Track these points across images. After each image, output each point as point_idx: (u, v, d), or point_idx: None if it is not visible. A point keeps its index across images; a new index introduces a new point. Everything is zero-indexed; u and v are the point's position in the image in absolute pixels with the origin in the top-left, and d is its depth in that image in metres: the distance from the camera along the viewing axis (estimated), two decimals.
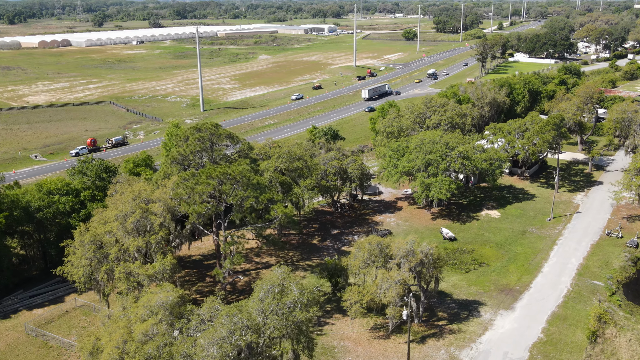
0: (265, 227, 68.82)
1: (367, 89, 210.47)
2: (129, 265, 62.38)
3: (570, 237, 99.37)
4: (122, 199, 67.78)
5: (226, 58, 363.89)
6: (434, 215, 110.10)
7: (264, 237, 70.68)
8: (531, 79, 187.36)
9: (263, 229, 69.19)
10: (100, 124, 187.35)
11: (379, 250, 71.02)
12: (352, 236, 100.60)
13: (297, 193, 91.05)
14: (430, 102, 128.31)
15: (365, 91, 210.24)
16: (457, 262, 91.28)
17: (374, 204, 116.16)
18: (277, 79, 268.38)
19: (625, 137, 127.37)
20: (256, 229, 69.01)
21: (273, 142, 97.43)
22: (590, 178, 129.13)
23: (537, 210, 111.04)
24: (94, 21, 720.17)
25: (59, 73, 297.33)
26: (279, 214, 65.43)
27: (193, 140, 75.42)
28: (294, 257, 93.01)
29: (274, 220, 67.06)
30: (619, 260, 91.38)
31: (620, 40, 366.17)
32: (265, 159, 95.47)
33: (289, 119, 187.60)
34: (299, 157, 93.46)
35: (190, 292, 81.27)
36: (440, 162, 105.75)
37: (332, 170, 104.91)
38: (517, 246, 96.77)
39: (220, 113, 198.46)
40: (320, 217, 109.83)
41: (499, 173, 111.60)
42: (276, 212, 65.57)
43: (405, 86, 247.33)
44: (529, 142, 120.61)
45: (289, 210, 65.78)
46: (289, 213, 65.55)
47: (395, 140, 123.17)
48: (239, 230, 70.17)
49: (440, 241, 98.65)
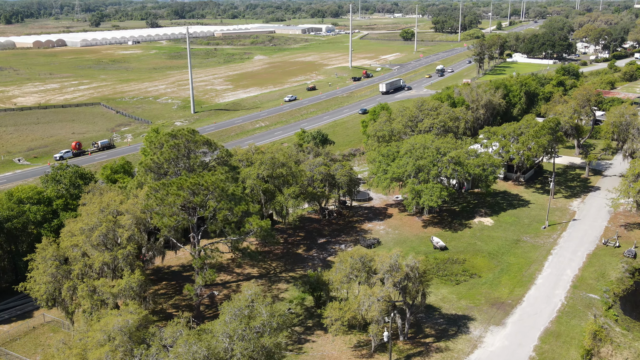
0: (240, 240, 65.08)
1: (384, 83, 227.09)
2: (93, 282, 58.62)
3: (565, 247, 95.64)
4: (89, 210, 64.02)
5: (221, 58, 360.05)
6: (425, 222, 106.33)
7: (240, 250, 66.94)
8: (528, 80, 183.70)
9: (238, 241, 65.48)
10: (89, 126, 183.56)
11: (361, 264, 67.32)
12: (338, 245, 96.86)
13: (280, 201, 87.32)
14: (423, 105, 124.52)
15: (382, 85, 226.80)
16: (447, 273, 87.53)
17: (364, 211, 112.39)
18: (272, 80, 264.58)
19: (624, 141, 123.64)
20: (232, 241, 65.30)
21: (256, 147, 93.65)
22: (587, 183, 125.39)
23: (532, 218, 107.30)
24: (91, 21, 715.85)
25: (51, 74, 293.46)
26: (254, 227, 61.67)
27: (168, 147, 71.66)
28: (277, 268, 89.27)
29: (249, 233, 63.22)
30: (615, 271, 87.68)
31: (619, 40, 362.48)
32: (248, 165, 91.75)
33: (280, 121, 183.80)
34: (282, 164, 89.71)
35: (166, 306, 77.57)
36: (431, 168, 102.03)
37: (319, 176, 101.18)
38: (510, 256, 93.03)
39: (211, 115, 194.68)
40: (307, 224, 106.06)
41: (492, 179, 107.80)
42: (251, 224, 61.78)
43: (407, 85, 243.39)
44: (524, 146, 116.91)
45: (265, 224, 62.01)
46: (264, 226, 61.88)
47: (386, 144, 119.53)
48: (214, 244, 66.47)
49: (430, 250, 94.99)
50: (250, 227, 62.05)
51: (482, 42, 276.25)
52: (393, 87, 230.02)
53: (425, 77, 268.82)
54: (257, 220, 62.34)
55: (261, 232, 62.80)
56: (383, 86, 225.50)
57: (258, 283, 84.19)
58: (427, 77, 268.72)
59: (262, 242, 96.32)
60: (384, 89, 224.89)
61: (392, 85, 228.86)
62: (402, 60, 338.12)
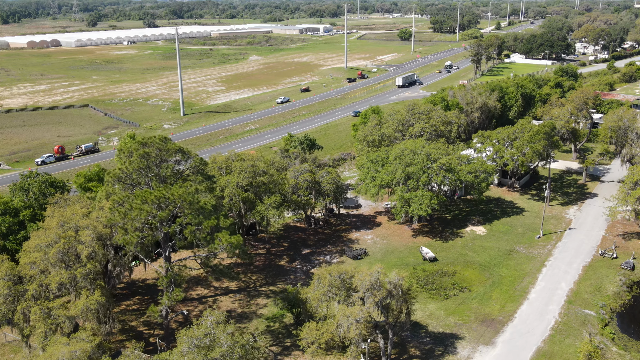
0: (210, 256, 60.88)
1: (400, 77, 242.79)
2: (48, 304, 54.46)
3: (560, 258, 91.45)
4: (48, 225, 59.84)
5: (216, 59, 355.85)
6: (414, 232, 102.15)
7: (211, 267, 62.71)
8: (525, 82, 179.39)
9: (209, 258, 61.26)
10: (75, 129, 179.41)
11: (340, 281, 63.16)
12: (323, 256, 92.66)
13: (260, 211, 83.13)
14: (414, 108, 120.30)
15: (399, 79, 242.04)
16: (436, 286, 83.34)
17: (352, 219, 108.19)
18: (265, 81, 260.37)
19: (622, 145, 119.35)
20: (201, 258, 61.13)
21: (236, 154, 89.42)
22: (584, 190, 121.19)
23: (526, 227, 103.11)
24: (88, 21, 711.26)
25: (42, 74, 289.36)
26: (223, 243, 57.50)
27: (137, 156, 67.43)
28: (257, 281, 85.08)
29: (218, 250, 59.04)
30: (612, 284, 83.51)
31: (619, 40, 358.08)
32: (228, 173, 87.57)
33: (271, 124, 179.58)
34: (263, 172, 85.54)
35: (137, 323, 73.38)
36: (420, 175, 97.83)
37: (304, 184, 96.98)
38: (502, 268, 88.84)
39: (201, 117, 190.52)
40: (291, 234, 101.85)
41: (485, 186, 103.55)
42: (220, 241, 57.60)
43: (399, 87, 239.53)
44: (519, 151, 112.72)
45: (236, 240, 57.83)
46: (234, 242, 57.71)
47: (376, 149, 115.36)
48: (182, 260, 62.34)
49: (419, 262, 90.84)
50: (219, 244, 57.80)
51: (479, 43, 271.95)
52: (408, 81, 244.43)
53: (436, 72, 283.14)
54: (227, 236, 58.13)
55: (231, 249, 58.53)
56: (399, 80, 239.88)
57: (236, 298, 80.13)
58: (437, 72, 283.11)
59: None
60: (400, 82, 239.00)
61: (407, 80, 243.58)
62: (399, 61, 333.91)
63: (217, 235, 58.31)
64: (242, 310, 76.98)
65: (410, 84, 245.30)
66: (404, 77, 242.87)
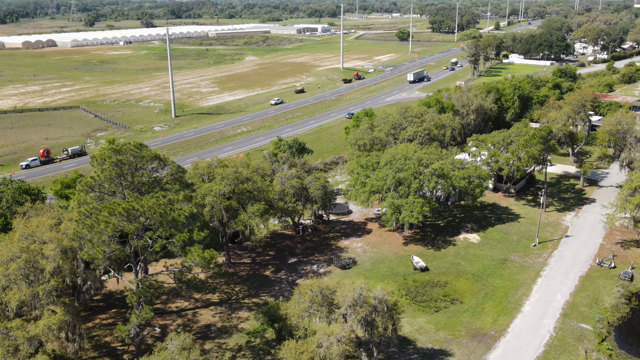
0: (183, 271, 57.50)
1: (412, 73, 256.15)
2: (7, 324, 51.13)
3: (556, 267, 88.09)
4: (9, 238, 56.49)
5: (212, 59, 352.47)
6: (406, 239, 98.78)
7: (184, 282, 59.33)
8: (522, 83, 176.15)
9: (182, 273, 57.86)
10: (64, 131, 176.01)
11: (322, 297, 59.77)
12: (310, 266, 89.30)
13: (243, 220, 79.77)
14: (406, 111, 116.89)
15: (410, 75, 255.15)
16: (427, 298, 80.00)
17: (341, 226, 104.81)
18: (260, 82, 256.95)
19: (620, 149, 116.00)
20: (174, 273, 57.78)
21: (219, 160, 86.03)
22: (582, 195, 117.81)
23: (522, 234, 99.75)
24: (85, 21, 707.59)
25: (35, 75, 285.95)
26: (195, 258, 54.19)
27: (110, 164, 64.02)
28: (240, 293, 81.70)
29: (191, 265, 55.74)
30: (610, 296, 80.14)
31: (618, 41, 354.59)
32: (211, 180, 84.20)
33: (263, 126, 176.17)
34: (247, 179, 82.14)
35: (111, 339, 69.96)
36: (412, 181, 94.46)
37: (291, 190, 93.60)
38: (496, 278, 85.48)
39: (193, 119, 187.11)
40: (278, 241, 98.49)
41: (479, 192, 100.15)
42: (193, 255, 54.28)
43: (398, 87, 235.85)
44: (514, 156, 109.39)
45: (209, 254, 54.48)
46: (207, 257, 54.36)
47: (367, 154, 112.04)
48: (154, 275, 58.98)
49: (410, 272, 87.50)
50: (191, 260, 54.46)
51: (476, 43, 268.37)
52: (418, 77, 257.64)
53: (443, 69, 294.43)
54: (199, 250, 54.80)
55: (205, 264, 55.16)
56: (410, 76, 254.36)
57: (217, 311, 76.77)
58: (444, 69, 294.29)
59: (228, 260, 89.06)
60: (411, 78, 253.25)
61: (417, 75, 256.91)
62: (397, 62, 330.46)
63: (189, 249, 54.95)
64: (222, 324, 73.62)
65: (420, 80, 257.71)
66: (415, 73, 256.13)
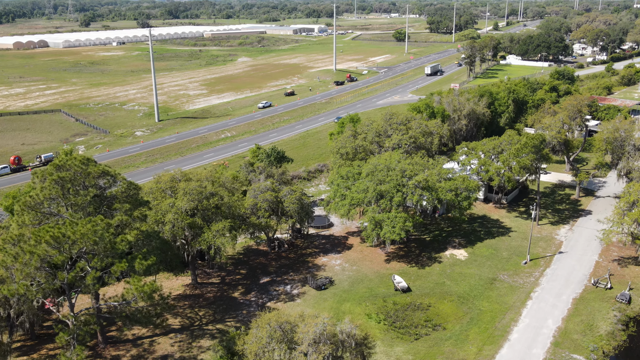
0: (123, 306, 51.25)
1: (429, 66, 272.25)
2: None
3: (548, 288, 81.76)
4: None
5: (204, 60, 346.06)
6: (388, 256, 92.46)
7: (126, 316, 53.04)
8: (517, 87, 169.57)
9: (120, 308, 51.58)
10: (43, 136, 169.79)
11: (281, 332, 53.52)
12: (283, 286, 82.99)
13: (207, 239, 73.47)
14: (391, 118, 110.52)
15: (427, 68, 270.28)
16: (407, 324, 73.68)
17: (321, 241, 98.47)
18: (250, 84, 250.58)
19: (618, 158, 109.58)
20: (110, 307, 51.50)
21: (183, 173, 79.72)
22: (577, 206, 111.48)
23: (512, 250, 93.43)
24: (81, 21, 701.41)
25: (21, 77, 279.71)
26: (133, 293, 48.00)
27: (50, 182, 57.84)
28: (204, 318, 75.37)
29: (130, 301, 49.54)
30: (606, 322, 73.81)
31: (618, 41, 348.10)
32: (173, 194, 77.89)
33: (249, 130, 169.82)
34: (212, 194, 75.82)
35: None
36: (394, 194, 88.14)
37: (264, 204, 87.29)
38: (483, 300, 79.17)
39: (177, 124, 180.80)
40: (252, 258, 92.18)
41: (467, 205, 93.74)
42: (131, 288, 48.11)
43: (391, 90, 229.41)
44: (505, 165, 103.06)
45: (149, 288, 48.31)
46: (147, 291, 48.22)
47: (350, 163, 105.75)
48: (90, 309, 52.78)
49: (390, 293, 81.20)
50: (129, 294, 48.21)
51: (472, 44, 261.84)
52: (434, 70, 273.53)
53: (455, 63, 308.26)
54: (138, 284, 48.57)
55: (145, 298, 48.88)
56: (428, 69, 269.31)
57: (176, 339, 70.42)
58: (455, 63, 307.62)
59: (194, 280, 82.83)
60: (429, 71, 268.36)
61: (434, 69, 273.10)
62: (392, 63, 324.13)
63: (127, 280, 48.69)
64: (181, 354, 67.24)
65: (435, 73, 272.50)
66: (432, 67, 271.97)
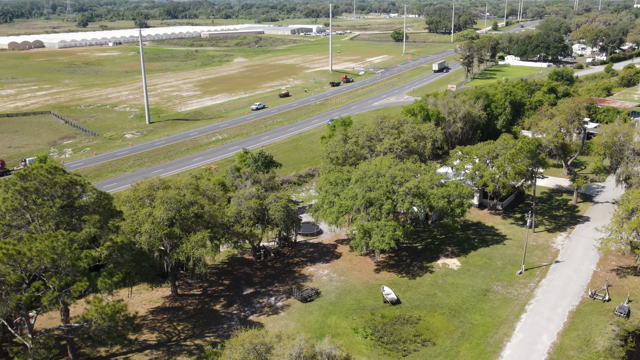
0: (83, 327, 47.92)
1: (436, 63, 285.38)
2: None
3: (543, 300, 78.38)
4: None
5: (200, 61, 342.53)
6: (378, 265, 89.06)
7: (89, 337, 49.70)
8: (514, 89, 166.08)
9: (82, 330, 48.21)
10: (31, 138, 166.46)
11: (256, 355, 50.17)
12: (267, 298, 79.61)
13: (185, 251, 70.10)
14: (383, 121, 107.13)
15: (435, 64, 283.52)
16: (395, 338, 70.29)
17: (309, 249, 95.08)
18: (244, 85, 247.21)
19: (617, 163, 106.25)
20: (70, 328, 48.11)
21: (161, 181, 76.35)
22: (575, 212, 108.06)
23: (507, 259, 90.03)
24: (79, 21, 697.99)
25: (13, 78, 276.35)
26: (93, 314, 44.71)
27: (13, 192, 54.54)
28: (182, 332, 71.99)
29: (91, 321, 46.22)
30: (603, 337, 70.39)
31: (617, 42, 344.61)
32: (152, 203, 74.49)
33: (240, 133, 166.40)
34: (191, 202, 72.44)
35: None
36: (384, 201, 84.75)
37: (248, 212, 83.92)
38: (475, 313, 75.79)
39: (167, 126, 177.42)
40: (236, 267, 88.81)
41: (460, 212, 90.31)
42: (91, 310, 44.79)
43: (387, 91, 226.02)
44: (500, 171, 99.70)
45: (110, 309, 45.02)
46: (108, 312, 44.94)
47: (340, 168, 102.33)
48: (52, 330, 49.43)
49: (379, 305, 77.84)
50: (89, 315, 44.92)
51: (470, 44, 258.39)
52: (441, 67, 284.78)
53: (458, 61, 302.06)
54: (99, 305, 45.26)
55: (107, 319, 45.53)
56: (436, 65, 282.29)
57: (152, 356, 67.05)
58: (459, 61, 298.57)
59: (174, 292, 79.48)
60: (436, 67, 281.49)
61: (441, 65, 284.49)
62: (389, 63, 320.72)
63: (88, 300, 45.34)
64: None
65: (442, 70, 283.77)
66: (439, 63, 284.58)
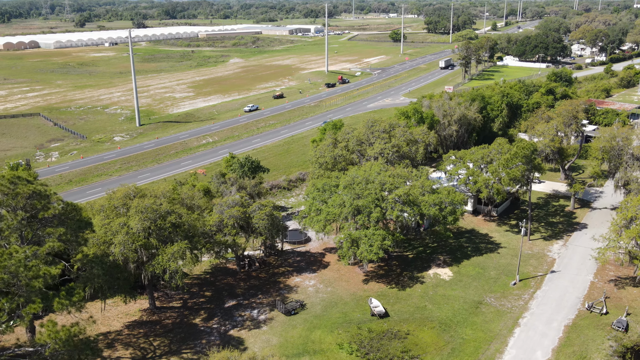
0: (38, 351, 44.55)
1: (443, 60, 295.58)
2: None
3: (538, 314, 75.02)
4: None
5: (195, 61, 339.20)
6: (367, 275, 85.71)
7: None
8: (512, 90, 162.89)
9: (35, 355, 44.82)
10: (18, 141, 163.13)
11: None
12: (250, 311, 76.26)
13: (160, 263, 66.75)
14: (374, 125, 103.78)
15: (442, 62, 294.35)
16: (382, 355, 66.90)
17: (296, 258, 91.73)
18: (239, 87, 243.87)
19: (616, 167, 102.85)
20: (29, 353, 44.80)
21: (137, 189, 72.97)
22: (572, 219, 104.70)
23: (501, 269, 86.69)
24: (76, 21, 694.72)
25: (5, 79, 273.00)
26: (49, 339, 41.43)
27: None
28: (158, 348, 68.63)
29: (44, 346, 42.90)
30: (600, 353, 67.01)
31: (617, 42, 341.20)
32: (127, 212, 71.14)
33: (232, 136, 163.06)
34: (168, 212, 69.07)
35: None
36: (372, 209, 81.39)
37: (230, 221, 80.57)
38: (466, 327, 72.42)
39: (158, 128, 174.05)
40: (219, 278, 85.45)
41: (452, 220, 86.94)
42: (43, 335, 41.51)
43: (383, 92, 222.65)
44: (494, 177, 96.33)
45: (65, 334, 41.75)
46: (63, 337, 41.66)
47: (329, 174, 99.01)
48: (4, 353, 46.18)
49: (366, 318, 74.52)
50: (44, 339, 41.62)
51: (467, 45, 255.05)
52: (448, 64, 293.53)
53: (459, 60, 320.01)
54: (53, 329, 41.98)
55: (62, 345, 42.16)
56: (442, 62, 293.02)
57: None
58: None
59: (152, 304, 76.15)
60: (443, 64, 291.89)
61: (447, 62, 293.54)
62: (386, 64, 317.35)
63: (42, 323, 42.03)
64: None
65: (448, 67, 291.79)
66: (445, 60, 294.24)
